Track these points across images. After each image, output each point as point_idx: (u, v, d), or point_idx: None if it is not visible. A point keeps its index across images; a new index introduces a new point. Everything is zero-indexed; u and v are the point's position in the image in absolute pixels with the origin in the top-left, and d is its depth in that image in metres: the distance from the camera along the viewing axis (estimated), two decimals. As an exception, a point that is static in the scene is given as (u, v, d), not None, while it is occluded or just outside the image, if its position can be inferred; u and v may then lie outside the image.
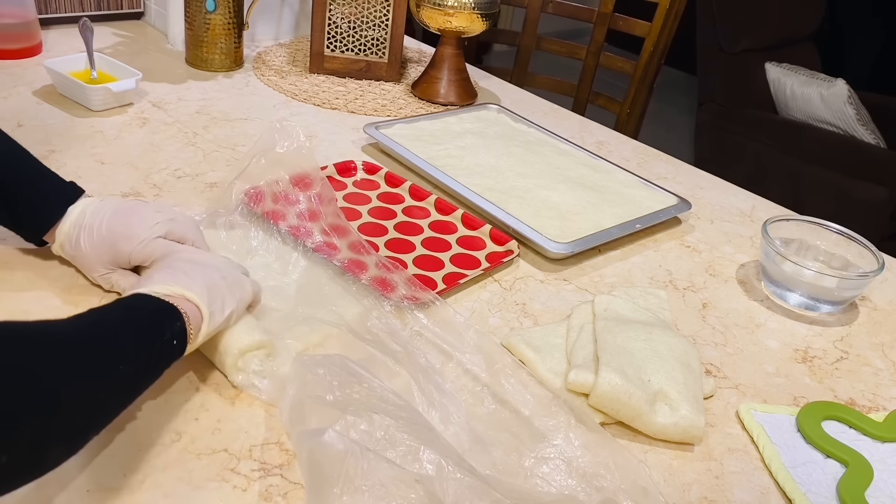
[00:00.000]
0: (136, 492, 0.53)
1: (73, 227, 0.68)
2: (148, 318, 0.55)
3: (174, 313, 0.56)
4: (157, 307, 0.55)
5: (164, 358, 0.55)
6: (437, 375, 0.67)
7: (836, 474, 0.64)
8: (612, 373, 0.64)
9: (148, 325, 0.54)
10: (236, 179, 0.86)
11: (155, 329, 0.54)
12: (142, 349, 0.52)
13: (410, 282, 0.76)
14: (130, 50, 1.31)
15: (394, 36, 1.29)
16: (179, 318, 0.56)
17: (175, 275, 0.60)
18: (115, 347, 0.50)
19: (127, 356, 0.50)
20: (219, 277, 0.62)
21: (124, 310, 0.54)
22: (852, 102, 2.48)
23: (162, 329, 0.54)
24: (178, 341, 0.55)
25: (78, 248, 0.68)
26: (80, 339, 0.49)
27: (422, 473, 0.52)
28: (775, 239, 0.86)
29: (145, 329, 0.54)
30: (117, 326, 0.52)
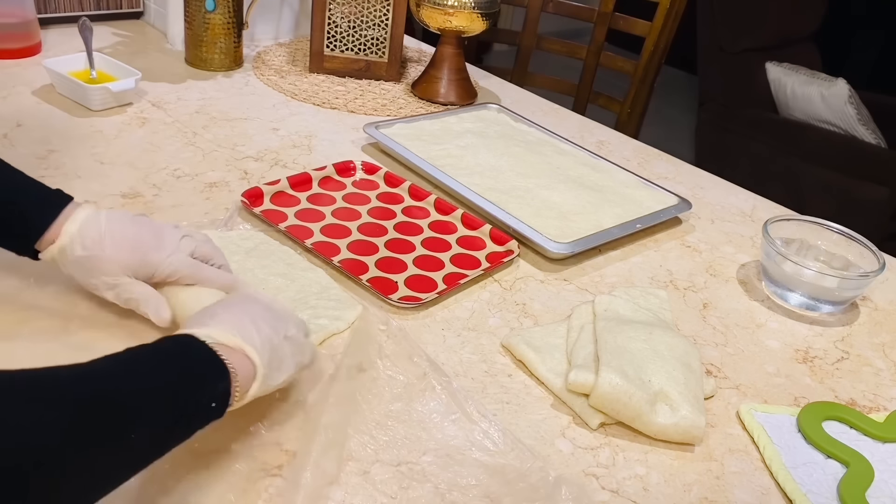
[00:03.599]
0: (135, 491, 0.53)
1: (88, 229, 0.63)
2: (191, 375, 0.49)
3: (222, 372, 0.50)
4: (207, 360, 0.50)
5: (197, 420, 0.50)
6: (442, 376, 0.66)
7: (836, 475, 0.63)
8: (613, 373, 0.63)
9: (189, 384, 0.49)
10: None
11: (196, 388, 0.49)
12: (167, 410, 0.47)
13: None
14: (130, 50, 1.31)
15: (394, 35, 1.28)
16: (226, 377, 0.51)
17: (241, 321, 0.54)
18: (132, 406, 0.45)
19: (145, 415, 0.46)
20: (284, 336, 0.57)
21: (167, 357, 0.49)
22: (853, 102, 2.48)
23: (203, 389, 0.49)
24: (217, 404, 0.50)
25: (100, 248, 0.63)
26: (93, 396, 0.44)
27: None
28: (776, 239, 0.85)
29: (185, 388, 0.49)
30: (153, 378, 0.47)
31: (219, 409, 0.51)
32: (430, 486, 0.57)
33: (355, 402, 0.63)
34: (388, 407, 0.63)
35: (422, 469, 0.58)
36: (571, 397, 0.66)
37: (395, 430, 0.61)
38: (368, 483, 0.57)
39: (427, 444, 0.60)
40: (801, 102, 2.60)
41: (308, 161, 1.02)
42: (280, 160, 1.01)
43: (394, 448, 0.60)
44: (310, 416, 0.61)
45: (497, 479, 0.58)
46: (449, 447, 0.60)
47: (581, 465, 0.62)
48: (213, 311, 0.56)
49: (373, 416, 0.62)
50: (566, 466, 0.61)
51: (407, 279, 0.80)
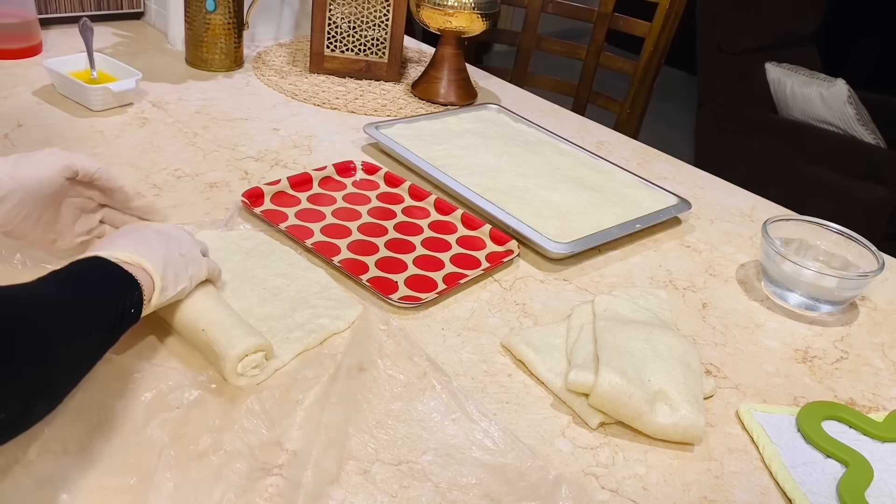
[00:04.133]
0: (135, 491, 0.53)
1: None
2: (113, 286, 0.57)
3: (134, 283, 0.58)
4: (120, 275, 0.58)
5: (124, 325, 0.57)
6: (442, 376, 0.67)
7: (836, 474, 0.64)
8: (613, 373, 0.63)
9: (114, 293, 0.57)
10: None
11: (119, 297, 0.57)
12: (110, 315, 0.55)
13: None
14: (130, 50, 1.31)
15: (394, 36, 1.29)
16: (138, 287, 0.58)
17: (137, 242, 0.61)
18: (90, 311, 0.53)
19: (98, 320, 0.54)
20: (177, 253, 0.64)
21: (91, 275, 0.57)
22: (852, 102, 2.48)
23: (125, 297, 0.57)
24: (135, 310, 0.58)
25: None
26: (62, 300, 0.52)
27: None
28: (775, 239, 0.86)
29: (112, 296, 0.56)
30: (90, 291, 0.55)
31: (136, 315, 0.58)
32: (431, 485, 0.57)
33: (356, 402, 0.63)
34: (388, 406, 0.63)
35: (422, 468, 0.58)
36: (571, 397, 0.66)
37: (396, 429, 0.61)
38: (369, 482, 0.57)
39: (427, 444, 0.61)
40: (800, 103, 2.61)
41: (308, 161, 1.02)
42: (280, 160, 1.01)
43: (394, 447, 0.60)
44: (310, 415, 0.61)
45: (497, 479, 0.58)
46: (449, 446, 0.60)
47: (581, 464, 0.62)
48: (111, 239, 0.63)
49: (373, 415, 0.62)
50: (566, 466, 0.61)
51: (407, 279, 0.80)
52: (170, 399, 0.60)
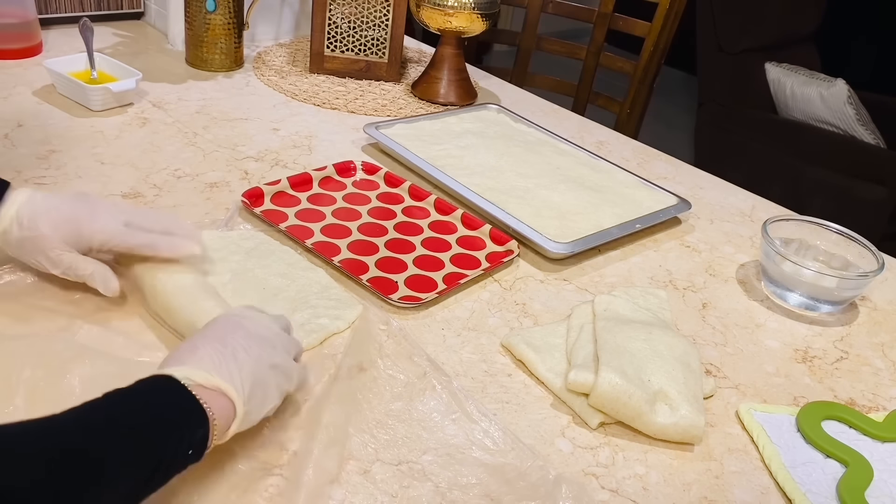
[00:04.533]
0: (136, 492, 0.53)
1: (25, 209, 0.66)
2: (167, 425, 0.48)
3: (200, 419, 0.49)
4: (184, 406, 0.49)
5: (174, 468, 0.48)
6: (442, 376, 0.67)
7: (836, 474, 0.64)
8: (612, 373, 0.64)
9: (165, 434, 0.48)
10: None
11: (173, 438, 0.48)
12: (152, 459, 0.46)
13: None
14: (130, 50, 1.31)
15: (394, 36, 1.29)
16: (204, 423, 0.49)
17: (222, 356, 0.53)
18: (113, 459, 0.44)
19: (129, 470, 0.45)
20: (268, 364, 0.56)
21: (143, 405, 0.48)
22: (852, 102, 2.48)
23: (181, 439, 0.48)
24: (193, 451, 0.49)
25: (34, 228, 0.65)
26: (96, 442, 0.44)
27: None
28: (775, 239, 0.86)
29: (161, 437, 0.47)
30: (127, 429, 0.46)
31: (196, 455, 0.49)
32: (431, 485, 0.57)
33: (356, 402, 0.63)
34: (388, 406, 0.63)
35: (422, 468, 0.58)
36: (571, 397, 0.66)
37: (396, 429, 0.61)
38: (369, 482, 0.57)
39: (427, 444, 0.61)
40: (800, 103, 2.61)
41: (308, 161, 1.02)
42: (280, 160, 1.01)
43: (394, 447, 0.60)
44: (311, 415, 0.61)
45: (497, 478, 0.58)
46: (449, 446, 0.60)
47: (581, 464, 0.62)
48: (194, 345, 0.54)
49: (373, 415, 0.62)
50: (566, 466, 0.61)
51: (407, 279, 0.80)
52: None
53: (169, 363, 0.53)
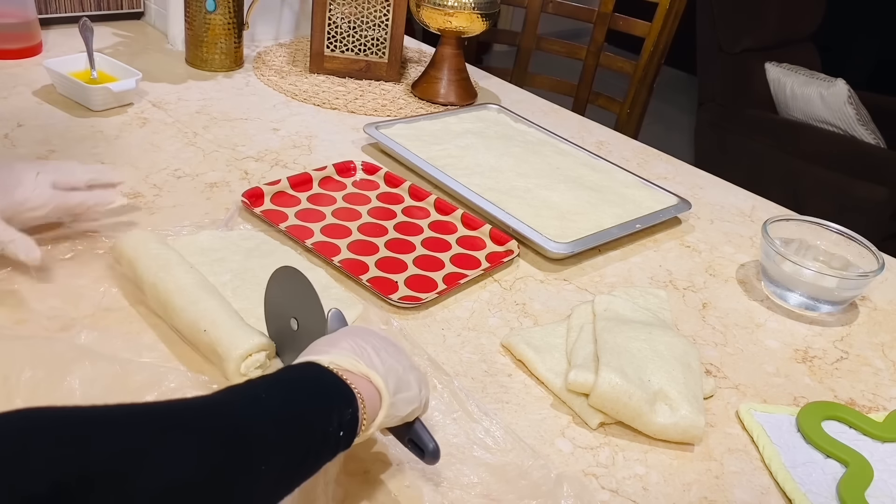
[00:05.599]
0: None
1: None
2: (318, 403, 0.46)
3: (349, 397, 0.47)
4: (333, 385, 0.48)
5: (326, 451, 0.46)
6: (443, 375, 0.67)
7: (836, 474, 0.64)
8: (612, 373, 0.64)
9: (318, 411, 0.46)
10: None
11: (324, 416, 0.46)
12: (307, 437, 0.45)
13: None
14: (130, 50, 1.31)
15: (394, 36, 1.29)
16: (354, 402, 0.47)
17: (363, 348, 0.52)
18: (273, 437, 0.43)
19: (287, 448, 0.44)
20: (408, 366, 0.54)
21: (292, 387, 0.47)
22: (852, 102, 2.48)
23: (331, 416, 0.46)
24: (344, 432, 0.47)
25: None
26: (254, 430, 0.42)
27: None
28: (775, 239, 0.86)
29: (314, 416, 0.46)
30: (282, 409, 0.45)
31: (347, 438, 0.47)
32: (432, 484, 0.57)
33: (356, 402, 0.63)
34: (388, 406, 0.63)
35: (423, 467, 0.58)
36: (571, 397, 0.66)
37: (396, 429, 0.61)
38: (369, 482, 0.57)
39: (427, 444, 0.60)
40: (800, 103, 2.61)
41: (308, 161, 1.02)
42: (280, 160, 1.01)
43: (395, 447, 0.60)
44: (310, 415, 0.61)
45: (498, 478, 0.58)
46: (450, 445, 0.60)
47: (581, 464, 0.62)
48: (333, 340, 0.53)
49: (373, 415, 0.62)
50: (566, 466, 0.61)
51: (407, 279, 0.80)
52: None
53: (310, 354, 0.51)
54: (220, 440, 0.41)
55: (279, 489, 0.44)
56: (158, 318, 0.69)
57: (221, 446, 0.40)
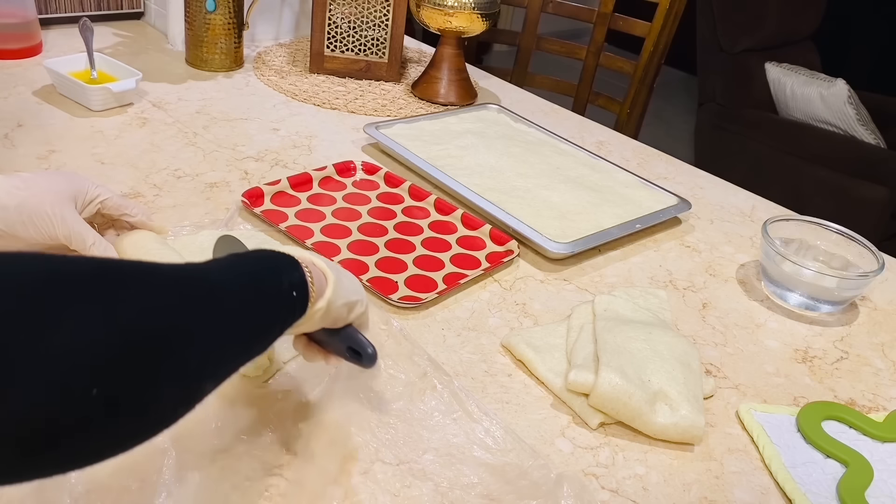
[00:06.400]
0: (136, 492, 0.53)
1: (17, 176, 0.62)
2: (261, 264, 0.48)
3: (294, 263, 0.49)
4: (274, 255, 0.49)
5: (282, 310, 0.48)
6: (443, 375, 0.67)
7: (836, 474, 0.64)
8: (613, 373, 0.64)
9: (267, 272, 0.48)
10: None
11: (272, 275, 0.48)
12: (263, 293, 0.47)
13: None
14: (130, 50, 1.31)
15: (394, 36, 1.29)
16: (299, 267, 0.49)
17: (301, 251, 0.54)
18: (228, 295, 0.44)
19: (246, 303, 0.45)
20: (346, 273, 0.57)
21: (240, 259, 0.48)
22: (852, 102, 2.48)
23: (280, 276, 0.48)
24: (297, 294, 0.48)
25: (34, 184, 0.62)
26: (221, 278, 0.44)
27: None
28: (775, 239, 0.86)
29: (265, 275, 0.47)
30: (245, 268, 0.47)
31: (301, 301, 0.49)
32: (432, 484, 0.57)
33: (356, 401, 0.63)
34: (389, 406, 0.63)
35: (423, 468, 0.58)
36: (571, 397, 0.66)
37: (397, 428, 0.61)
38: (370, 482, 0.57)
39: (428, 443, 0.61)
40: (800, 103, 2.61)
41: (308, 161, 1.02)
42: (280, 160, 1.01)
43: (395, 447, 0.60)
44: (311, 415, 0.61)
45: (498, 478, 0.58)
46: (450, 445, 0.60)
47: (581, 464, 0.62)
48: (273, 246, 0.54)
49: (374, 414, 0.62)
50: (566, 466, 0.61)
51: (407, 279, 0.80)
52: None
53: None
54: (184, 290, 0.41)
55: (242, 344, 0.45)
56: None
57: (202, 298, 0.42)
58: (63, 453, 0.35)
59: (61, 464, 0.36)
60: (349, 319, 0.56)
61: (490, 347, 0.73)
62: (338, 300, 0.53)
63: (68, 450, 0.34)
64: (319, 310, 0.51)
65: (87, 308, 0.35)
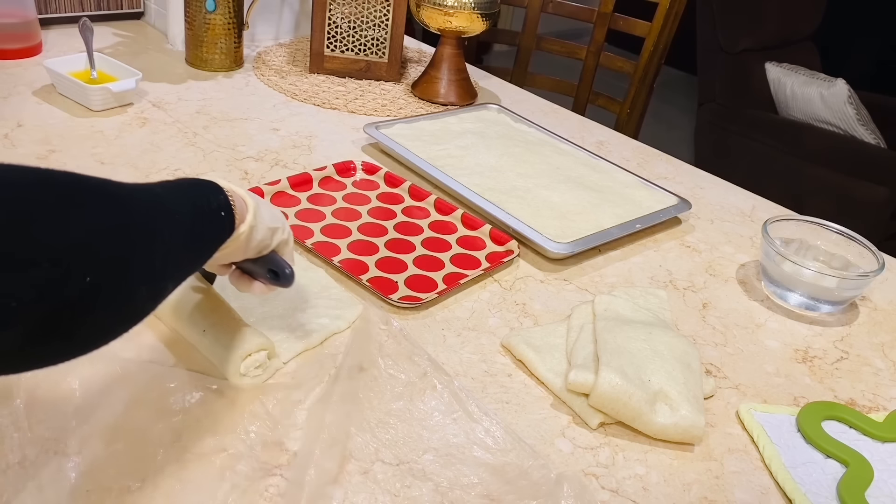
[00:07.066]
0: (137, 492, 0.53)
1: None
2: (195, 190, 0.53)
3: (218, 188, 0.54)
4: (198, 182, 0.54)
5: (212, 226, 0.53)
6: (443, 375, 0.67)
7: (836, 474, 0.64)
8: (613, 373, 0.64)
9: (194, 192, 0.52)
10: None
11: (200, 195, 0.53)
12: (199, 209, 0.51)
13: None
14: (130, 50, 1.31)
15: (394, 36, 1.29)
16: (222, 192, 0.54)
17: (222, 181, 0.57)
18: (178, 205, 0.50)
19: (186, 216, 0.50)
20: (268, 205, 0.61)
21: (168, 183, 0.52)
22: (852, 102, 2.48)
23: (208, 197, 0.53)
24: (225, 214, 0.54)
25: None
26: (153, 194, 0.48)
27: None
28: (775, 239, 0.86)
29: (194, 194, 0.52)
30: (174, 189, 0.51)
31: (229, 220, 0.54)
32: (432, 484, 0.57)
33: (356, 401, 0.63)
34: (389, 406, 0.63)
35: (423, 468, 0.58)
36: (571, 397, 0.66)
37: (397, 428, 0.61)
38: (370, 482, 0.57)
39: (428, 443, 0.61)
40: (800, 103, 2.61)
41: (308, 161, 1.02)
42: (280, 160, 1.01)
43: (395, 447, 0.60)
44: (311, 415, 0.61)
45: (498, 478, 0.58)
46: (450, 445, 0.60)
47: (581, 464, 0.62)
48: None
49: (374, 414, 0.62)
50: (566, 466, 0.61)
51: (407, 279, 0.80)
52: (172, 402, 0.60)
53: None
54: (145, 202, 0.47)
55: (193, 251, 0.51)
56: (158, 319, 0.69)
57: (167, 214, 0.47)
58: (61, 334, 0.39)
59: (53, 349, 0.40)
60: (272, 245, 0.61)
61: (490, 347, 0.73)
62: (260, 224, 0.58)
63: (66, 330, 0.39)
64: (244, 232, 0.56)
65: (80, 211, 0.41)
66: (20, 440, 0.54)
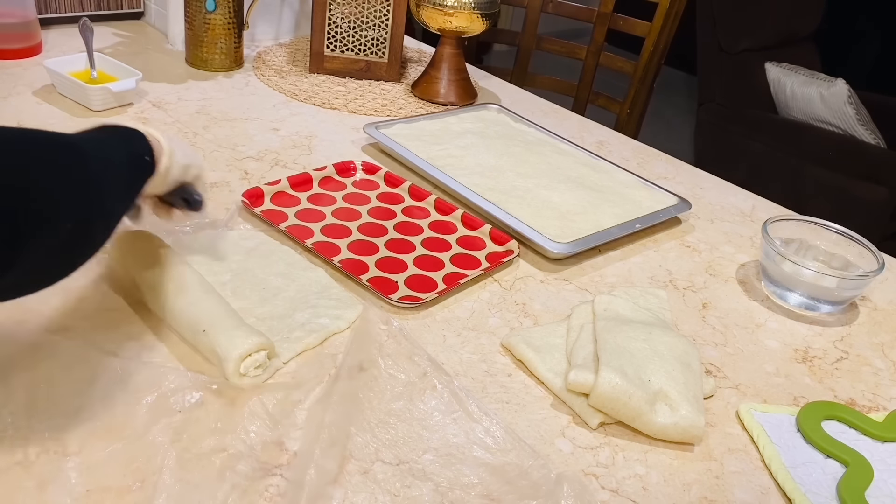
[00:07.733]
0: (136, 492, 0.53)
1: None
2: (121, 139, 0.62)
3: (142, 136, 0.64)
4: (125, 131, 0.63)
5: (141, 171, 0.63)
6: (443, 375, 0.67)
7: (836, 474, 0.64)
8: (613, 373, 0.64)
9: (125, 140, 0.62)
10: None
11: (128, 144, 0.62)
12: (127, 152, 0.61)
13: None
14: (130, 50, 1.31)
15: (394, 36, 1.29)
16: (144, 138, 0.63)
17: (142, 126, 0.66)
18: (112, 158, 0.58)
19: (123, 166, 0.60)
20: (182, 144, 0.71)
21: (100, 132, 0.60)
22: (852, 102, 2.48)
23: (134, 145, 0.63)
24: (149, 157, 0.64)
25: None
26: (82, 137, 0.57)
27: None
28: (775, 239, 0.86)
29: (126, 141, 0.62)
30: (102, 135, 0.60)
31: (151, 164, 0.64)
32: (432, 484, 0.57)
33: (356, 401, 0.63)
34: (389, 406, 0.63)
35: (423, 468, 0.58)
36: (571, 397, 0.66)
37: (397, 428, 0.61)
38: (370, 482, 0.57)
39: (428, 443, 0.61)
40: (800, 103, 2.61)
41: (308, 161, 1.02)
42: (280, 160, 1.01)
43: (395, 447, 0.60)
44: (311, 415, 0.61)
45: (498, 478, 0.58)
46: (450, 445, 0.60)
47: (581, 464, 0.62)
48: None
49: (374, 414, 0.62)
50: (566, 466, 0.61)
51: (407, 279, 0.80)
52: (172, 402, 0.60)
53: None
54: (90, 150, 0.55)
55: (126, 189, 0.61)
56: (158, 318, 0.69)
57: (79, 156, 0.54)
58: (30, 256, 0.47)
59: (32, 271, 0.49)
60: (188, 178, 0.71)
61: (490, 347, 0.73)
62: (174, 164, 0.67)
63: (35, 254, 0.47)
64: (162, 172, 0.66)
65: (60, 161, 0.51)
66: (20, 440, 0.55)
